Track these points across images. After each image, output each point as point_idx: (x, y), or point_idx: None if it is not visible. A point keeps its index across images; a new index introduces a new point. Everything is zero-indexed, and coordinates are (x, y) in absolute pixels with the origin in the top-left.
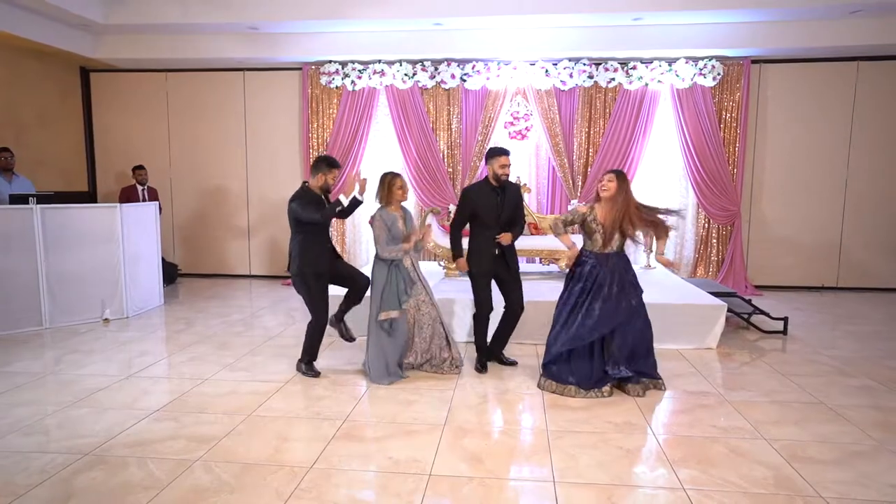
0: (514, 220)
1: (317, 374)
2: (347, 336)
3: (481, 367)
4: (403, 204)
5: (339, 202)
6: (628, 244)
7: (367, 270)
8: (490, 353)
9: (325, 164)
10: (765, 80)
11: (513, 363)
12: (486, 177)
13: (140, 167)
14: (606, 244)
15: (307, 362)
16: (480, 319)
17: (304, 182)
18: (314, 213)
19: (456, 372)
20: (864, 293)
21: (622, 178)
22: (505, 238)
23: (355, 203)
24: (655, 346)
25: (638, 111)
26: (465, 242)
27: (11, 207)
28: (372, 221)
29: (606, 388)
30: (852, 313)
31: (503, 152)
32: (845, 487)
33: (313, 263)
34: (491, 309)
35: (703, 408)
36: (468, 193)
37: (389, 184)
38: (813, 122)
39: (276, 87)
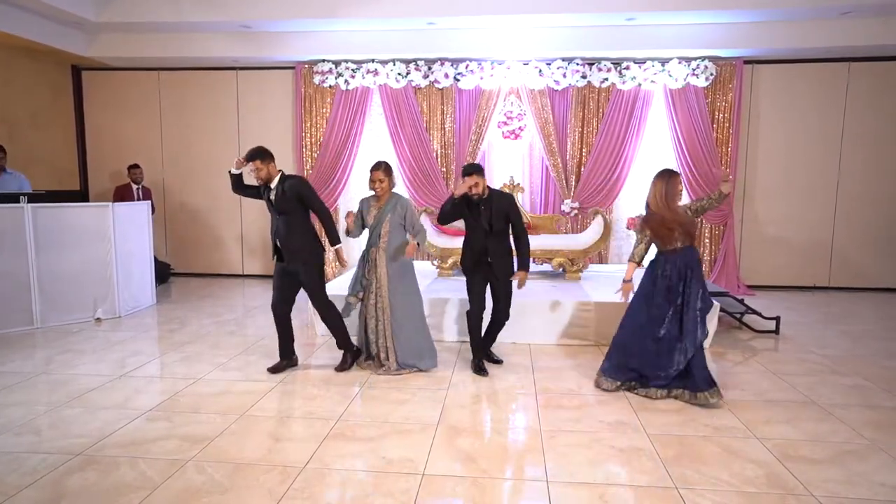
0: (512, 230)
1: (272, 370)
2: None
3: (480, 371)
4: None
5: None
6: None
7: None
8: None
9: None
10: (757, 81)
11: (498, 361)
12: None
13: (135, 166)
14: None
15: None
16: (472, 318)
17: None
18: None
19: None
20: (856, 293)
21: (655, 178)
22: (521, 278)
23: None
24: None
25: (631, 111)
26: (455, 242)
27: (2, 206)
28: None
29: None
30: (844, 313)
31: (469, 171)
32: (837, 486)
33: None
34: (482, 308)
35: (696, 407)
36: (453, 200)
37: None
38: (805, 122)
39: (270, 87)
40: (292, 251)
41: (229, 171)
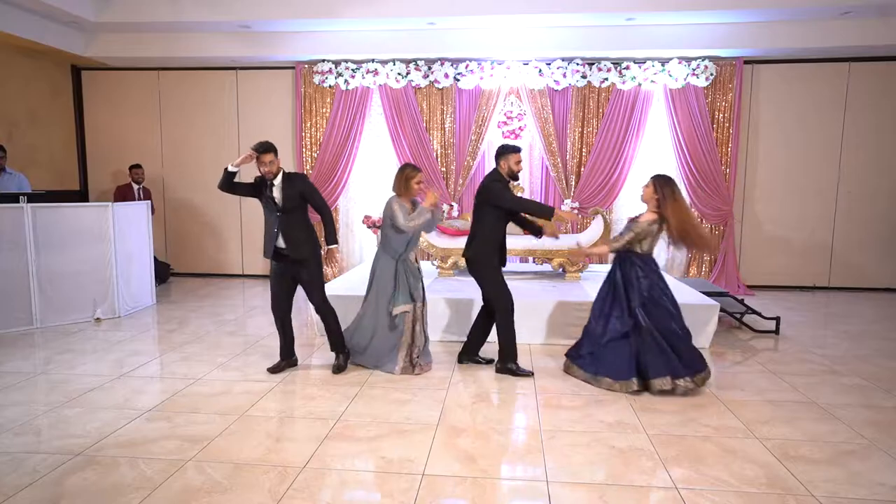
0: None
1: (272, 370)
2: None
3: (526, 372)
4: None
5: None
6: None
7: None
8: (468, 350)
9: (254, 148)
10: (757, 81)
11: (490, 361)
12: (496, 170)
13: (137, 166)
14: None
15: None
16: (511, 316)
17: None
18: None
19: (420, 372)
20: (856, 293)
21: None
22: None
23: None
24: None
25: (631, 111)
26: (456, 242)
27: (2, 206)
28: (378, 219)
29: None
30: (844, 312)
31: (517, 149)
32: (837, 486)
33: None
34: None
35: (696, 407)
36: (502, 180)
37: (407, 177)
38: (805, 122)
39: (269, 86)
40: (295, 249)
41: (226, 168)
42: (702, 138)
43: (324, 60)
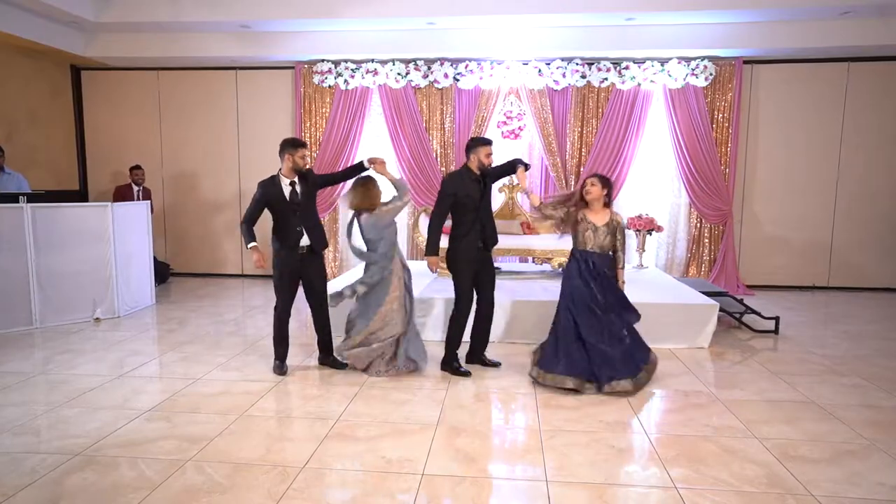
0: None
1: (283, 372)
2: (340, 365)
3: (463, 372)
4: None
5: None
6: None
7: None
8: (474, 352)
9: (290, 145)
10: (756, 81)
11: (496, 364)
12: (465, 165)
13: (137, 167)
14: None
15: (276, 359)
16: (463, 318)
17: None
18: (249, 218)
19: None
20: (855, 293)
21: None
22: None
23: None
24: (648, 345)
25: (630, 111)
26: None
27: (1, 207)
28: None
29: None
30: (843, 312)
31: (488, 142)
32: (836, 486)
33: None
34: (471, 305)
35: (695, 407)
36: (450, 181)
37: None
38: (804, 122)
39: (269, 86)
40: (318, 242)
41: (251, 246)
42: (701, 138)
43: (323, 60)
